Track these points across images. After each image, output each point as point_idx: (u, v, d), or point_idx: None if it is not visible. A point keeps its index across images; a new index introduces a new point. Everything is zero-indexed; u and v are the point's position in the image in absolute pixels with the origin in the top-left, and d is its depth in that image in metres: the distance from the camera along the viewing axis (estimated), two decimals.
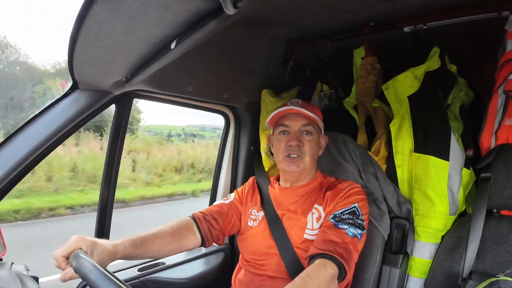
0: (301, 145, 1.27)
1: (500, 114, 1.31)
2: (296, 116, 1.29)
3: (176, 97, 1.61)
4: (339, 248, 1.05)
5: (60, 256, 0.89)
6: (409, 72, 1.39)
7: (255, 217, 1.35)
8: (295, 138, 1.27)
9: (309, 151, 1.28)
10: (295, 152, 1.27)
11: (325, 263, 1.01)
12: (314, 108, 1.34)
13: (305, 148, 1.27)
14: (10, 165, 1.12)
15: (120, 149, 1.46)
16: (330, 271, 0.99)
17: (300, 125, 1.29)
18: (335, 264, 1.01)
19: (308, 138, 1.28)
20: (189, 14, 0.79)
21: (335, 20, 1.49)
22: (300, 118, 1.28)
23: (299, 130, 1.29)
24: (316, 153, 1.32)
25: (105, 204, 1.45)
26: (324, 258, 1.02)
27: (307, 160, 1.28)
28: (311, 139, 1.28)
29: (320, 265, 1.00)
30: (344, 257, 1.04)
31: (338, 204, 1.21)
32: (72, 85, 1.29)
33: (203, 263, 1.80)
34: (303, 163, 1.27)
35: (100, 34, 0.89)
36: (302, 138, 1.28)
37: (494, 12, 1.25)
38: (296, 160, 1.27)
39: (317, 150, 1.33)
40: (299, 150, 1.27)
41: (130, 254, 1.04)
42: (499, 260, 1.20)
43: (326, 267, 0.99)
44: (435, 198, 1.33)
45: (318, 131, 1.33)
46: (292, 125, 1.29)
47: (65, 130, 1.25)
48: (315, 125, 1.30)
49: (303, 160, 1.27)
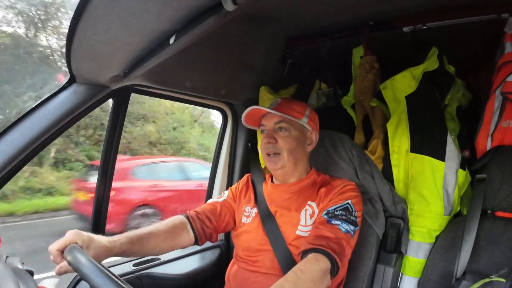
0: (273, 142, 1.28)
1: (496, 116, 1.31)
2: (270, 115, 1.31)
3: (174, 93, 1.60)
4: (331, 243, 1.05)
5: (55, 250, 0.90)
6: (407, 72, 1.39)
7: (249, 214, 1.36)
8: (269, 135, 1.29)
9: (284, 147, 1.28)
10: (269, 149, 1.29)
11: (317, 257, 1.01)
12: (294, 105, 1.33)
13: (279, 144, 1.28)
14: (6, 158, 1.11)
15: (117, 144, 1.45)
16: (323, 266, 0.99)
17: (273, 123, 1.30)
18: (328, 258, 1.01)
19: (282, 134, 1.29)
20: (189, 10, 0.79)
21: (335, 18, 1.49)
22: (273, 116, 1.30)
23: (273, 128, 1.30)
24: (296, 148, 1.30)
25: (101, 199, 1.44)
26: (317, 252, 1.03)
27: (285, 156, 1.28)
28: (286, 135, 1.28)
29: (312, 260, 1.00)
30: (336, 251, 1.04)
31: (331, 200, 1.22)
32: (69, 79, 1.28)
33: (199, 259, 1.80)
34: (282, 160, 1.28)
35: (98, 28, 0.89)
36: (276, 135, 1.29)
37: (493, 13, 1.25)
38: (273, 158, 1.29)
39: (297, 146, 1.31)
40: (273, 147, 1.28)
41: (127, 251, 1.04)
42: (493, 261, 1.21)
43: (319, 262, 1.00)
44: (430, 198, 1.34)
45: (298, 126, 1.31)
46: (267, 123, 1.32)
47: (62, 124, 1.24)
48: (291, 121, 1.30)
49: (280, 156, 1.28)
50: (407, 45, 1.48)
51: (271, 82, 1.81)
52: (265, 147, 1.30)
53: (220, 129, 1.99)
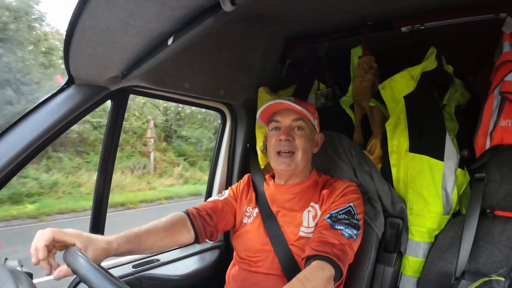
0: (291, 140, 1.26)
1: (495, 115, 1.31)
2: (286, 112, 1.29)
3: (173, 94, 1.60)
4: (335, 249, 1.06)
5: (43, 246, 0.85)
6: (406, 72, 1.39)
7: (250, 214, 1.35)
8: (285, 132, 1.26)
9: (300, 146, 1.26)
10: (285, 147, 1.26)
11: (322, 265, 1.02)
12: (307, 105, 1.33)
13: (296, 143, 1.26)
14: (5, 160, 1.11)
15: (116, 145, 1.45)
16: (327, 273, 1.00)
17: (290, 120, 1.28)
18: (332, 265, 1.02)
19: (299, 133, 1.27)
20: (187, 10, 0.79)
21: (333, 18, 1.49)
22: (291, 113, 1.28)
23: (290, 125, 1.28)
24: (309, 149, 1.30)
25: (100, 199, 1.44)
26: (321, 260, 1.03)
27: (299, 156, 1.26)
28: (302, 134, 1.27)
29: (317, 267, 1.01)
30: (340, 258, 1.05)
31: (334, 203, 1.22)
32: (67, 80, 1.28)
33: (198, 260, 1.80)
34: (295, 160, 1.27)
35: (97, 29, 0.89)
36: (293, 133, 1.27)
37: (491, 13, 1.26)
38: (287, 158, 1.26)
39: (310, 146, 1.31)
40: (289, 145, 1.26)
41: (124, 250, 1.03)
42: (492, 260, 1.21)
43: (324, 269, 1.01)
44: (429, 197, 1.34)
45: (311, 127, 1.32)
46: (283, 120, 1.29)
47: (61, 125, 1.23)
48: (306, 120, 1.29)
49: (295, 156, 1.26)
50: (405, 45, 1.48)
51: (270, 82, 1.81)
52: (280, 144, 1.26)
53: (219, 129, 1.98)
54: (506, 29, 1.27)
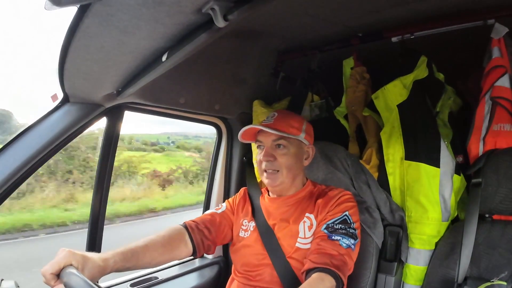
0: (272, 160, 1.26)
1: (487, 120, 1.33)
2: (267, 131, 1.27)
3: (168, 109, 1.61)
4: (335, 260, 1.06)
5: (49, 274, 0.87)
6: (398, 81, 1.41)
7: (247, 228, 1.34)
8: (267, 153, 1.26)
9: (283, 164, 1.26)
10: (268, 167, 1.26)
11: (322, 277, 1.02)
12: (291, 120, 1.31)
13: (279, 161, 1.26)
14: (1, 178, 1.10)
15: (112, 162, 1.45)
16: (328, 285, 1.01)
17: (271, 140, 1.27)
18: (332, 276, 1.02)
19: (281, 152, 1.26)
20: (180, 27, 0.80)
21: (324, 31, 1.51)
22: (271, 133, 1.26)
23: (271, 145, 1.28)
24: (293, 165, 1.28)
25: (97, 217, 1.43)
26: (321, 272, 1.03)
27: (284, 174, 1.26)
28: (285, 153, 1.26)
29: (318, 279, 1.01)
30: (340, 268, 1.05)
31: (329, 212, 1.21)
32: (62, 98, 1.28)
33: (197, 276, 1.77)
34: (280, 178, 1.26)
35: (91, 47, 0.90)
36: (275, 152, 1.27)
37: (479, 20, 1.28)
38: (272, 175, 1.27)
39: (296, 162, 1.29)
40: (272, 165, 1.26)
41: (121, 267, 1.01)
42: (493, 265, 1.21)
43: (324, 281, 1.01)
44: (427, 204, 1.34)
45: (296, 143, 1.29)
46: (264, 140, 1.29)
47: (56, 144, 1.23)
48: (289, 138, 1.28)
49: (279, 174, 1.26)
50: (396, 54, 1.50)
51: (264, 95, 1.82)
52: (263, 164, 1.27)
53: (215, 144, 1.99)
54: (494, 35, 1.29)
